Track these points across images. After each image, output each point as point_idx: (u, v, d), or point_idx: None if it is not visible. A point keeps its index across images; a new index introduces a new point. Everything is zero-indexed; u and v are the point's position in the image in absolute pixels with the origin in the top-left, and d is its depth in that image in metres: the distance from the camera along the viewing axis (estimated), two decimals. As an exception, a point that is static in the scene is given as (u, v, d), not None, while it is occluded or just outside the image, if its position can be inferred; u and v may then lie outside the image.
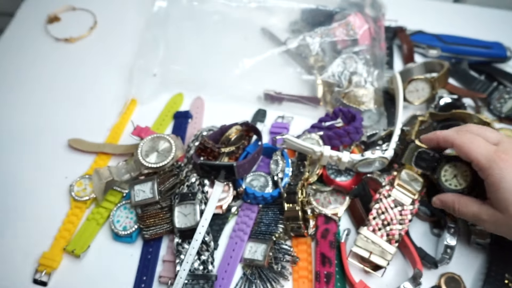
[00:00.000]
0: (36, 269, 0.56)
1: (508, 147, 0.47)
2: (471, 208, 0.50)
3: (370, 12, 0.76)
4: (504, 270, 0.54)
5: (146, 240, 0.58)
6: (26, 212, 0.61)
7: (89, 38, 0.84)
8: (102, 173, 0.59)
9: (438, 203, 0.54)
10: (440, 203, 0.53)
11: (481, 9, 0.92)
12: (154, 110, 0.73)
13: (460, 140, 0.50)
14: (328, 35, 0.74)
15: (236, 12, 0.80)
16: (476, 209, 0.49)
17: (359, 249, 0.54)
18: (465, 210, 0.50)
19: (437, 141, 0.53)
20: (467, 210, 0.50)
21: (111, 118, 0.72)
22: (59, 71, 0.79)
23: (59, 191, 0.63)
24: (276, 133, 0.67)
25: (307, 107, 0.72)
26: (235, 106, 0.72)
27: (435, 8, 0.92)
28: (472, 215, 0.50)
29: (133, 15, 0.87)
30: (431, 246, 0.58)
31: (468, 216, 0.50)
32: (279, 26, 0.81)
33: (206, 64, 0.76)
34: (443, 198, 0.53)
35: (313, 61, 0.75)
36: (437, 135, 0.53)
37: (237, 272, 0.56)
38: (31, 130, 0.70)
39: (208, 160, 0.60)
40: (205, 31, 0.80)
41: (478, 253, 0.58)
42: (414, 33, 0.83)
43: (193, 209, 0.56)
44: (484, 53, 0.79)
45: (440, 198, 0.53)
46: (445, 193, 0.53)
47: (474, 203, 0.50)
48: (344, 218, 0.61)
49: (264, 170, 0.62)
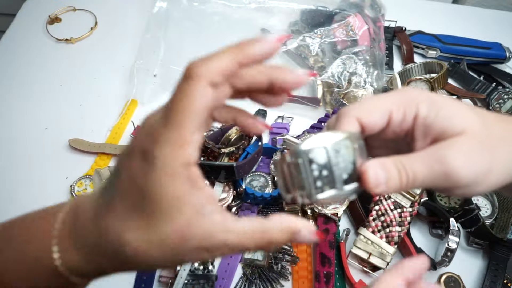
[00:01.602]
0: (37, 269, 0.56)
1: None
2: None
3: (370, 13, 0.77)
4: (504, 270, 0.54)
5: (147, 240, 0.58)
6: (27, 212, 0.61)
7: (89, 39, 0.84)
8: (102, 173, 0.59)
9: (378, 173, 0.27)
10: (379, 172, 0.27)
11: (480, 9, 0.93)
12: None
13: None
14: (327, 36, 0.74)
15: (236, 12, 0.80)
16: (428, 153, 0.28)
17: (359, 250, 0.54)
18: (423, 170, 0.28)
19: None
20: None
21: (112, 119, 0.72)
22: (60, 71, 0.79)
23: (60, 191, 0.63)
24: (276, 133, 0.68)
25: (306, 108, 0.72)
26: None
27: (434, 9, 0.93)
28: (429, 167, 0.27)
29: (133, 16, 0.87)
30: (431, 246, 0.59)
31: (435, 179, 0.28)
32: (279, 26, 0.81)
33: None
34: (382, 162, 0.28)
35: (313, 62, 0.75)
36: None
37: (237, 272, 0.56)
38: (32, 130, 0.71)
39: (208, 161, 0.60)
40: (205, 32, 0.80)
41: (478, 253, 0.58)
42: (414, 34, 0.84)
43: (194, 209, 0.56)
44: (483, 54, 0.79)
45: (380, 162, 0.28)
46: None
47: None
48: (343, 218, 0.61)
49: (264, 170, 0.62)
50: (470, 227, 0.57)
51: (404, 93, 0.30)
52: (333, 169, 0.25)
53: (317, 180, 0.25)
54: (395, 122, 0.29)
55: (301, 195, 0.26)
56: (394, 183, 0.27)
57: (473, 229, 0.57)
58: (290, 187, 0.26)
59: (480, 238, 0.58)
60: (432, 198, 0.59)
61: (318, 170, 0.25)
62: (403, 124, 0.29)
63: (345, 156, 0.25)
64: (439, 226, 0.60)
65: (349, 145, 0.25)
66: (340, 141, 0.25)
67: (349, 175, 0.25)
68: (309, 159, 0.25)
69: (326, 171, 0.25)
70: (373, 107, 0.29)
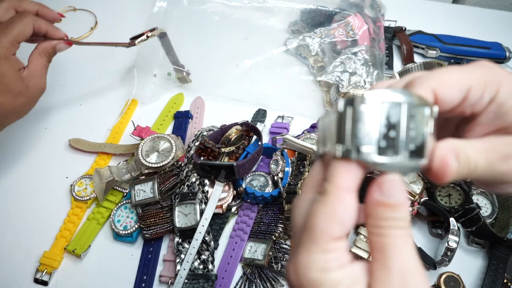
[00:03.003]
0: (37, 268, 0.56)
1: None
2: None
3: (370, 12, 0.77)
4: (504, 270, 0.54)
5: (147, 239, 0.58)
6: (27, 211, 0.61)
7: (89, 39, 0.84)
8: (102, 173, 0.59)
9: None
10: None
11: (480, 9, 0.93)
12: (154, 110, 0.74)
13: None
14: (327, 36, 0.74)
15: (236, 12, 0.80)
16: (489, 145, 0.26)
17: (359, 250, 0.54)
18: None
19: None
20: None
21: (112, 118, 0.72)
22: (60, 71, 0.79)
23: (60, 191, 0.63)
24: (276, 133, 0.68)
25: (307, 108, 0.72)
26: (235, 106, 0.73)
27: (434, 9, 0.93)
28: (487, 161, 0.25)
29: (133, 16, 0.87)
30: (431, 246, 0.59)
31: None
32: (279, 26, 0.81)
33: (206, 64, 0.76)
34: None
35: (313, 62, 0.75)
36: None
37: (237, 271, 0.56)
38: (32, 130, 0.71)
39: (208, 160, 0.60)
40: (205, 32, 0.80)
41: (478, 253, 0.58)
42: (414, 34, 0.84)
43: (193, 209, 0.56)
44: (483, 54, 0.79)
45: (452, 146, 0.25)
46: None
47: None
48: (343, 217, 0.61)
49: (264, 170, 0.62)
50: (471, 227, 0.57)
51: (489, 68, 0.26)
52: (403, 134, 0.20)
53: (381, 139, 0.20)
54: (470, 101, 0.25)
55: (348, 150, 0.21)
56: (458, 176, 0.24)
57: (474, 228, 0.57)
58: (342, 137, 0.21)
59: (480, 238, 0.58)
60: (432, 197, 0.59)
61: (386, 127, 0.20)
62: (477, 104, 0.26)
63: (419, 124, 0.21)
64: (439, 225, 0.60)
65: (427, 114, 0.21)
66: (418, 106, 0.21)
67: (416, 148, 0.21)
68: (379, 111, 0.20)
69: (394, 133, 0.20)
70: (452, 80, 0.25)
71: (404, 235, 0.21)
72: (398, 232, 0.21)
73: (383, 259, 0.20)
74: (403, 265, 0.20)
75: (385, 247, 0.20)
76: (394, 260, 0.20)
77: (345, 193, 0.21)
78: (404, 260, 0.20)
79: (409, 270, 0.20)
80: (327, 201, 0.21)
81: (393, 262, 0.20)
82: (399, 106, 0.20)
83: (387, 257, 0.20)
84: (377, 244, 0.21)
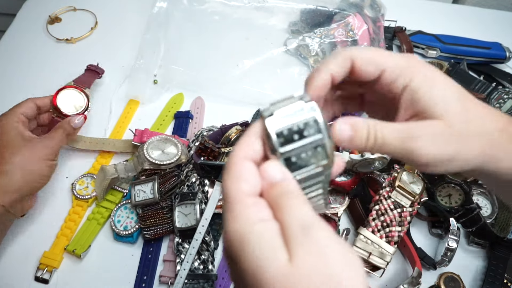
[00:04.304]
0: (38, 267, 0.56)
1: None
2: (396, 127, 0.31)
3: (370, 12, 0.77)
4: (504, 270, 0.54)
5: (147, 240, 0.58)
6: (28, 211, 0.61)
7: (89, 39, 0.84)
8: (108, 170, 0.59)
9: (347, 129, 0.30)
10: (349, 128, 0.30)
11: (480, 9, 0.93)
12: (154, 110, 0.74)
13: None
14: (327, 36, 0.74)
15: (236, 12, 0.80)
16: (403, 127, 0.30)
17: (359, 250, 0.54)
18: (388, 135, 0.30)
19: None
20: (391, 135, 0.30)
21: (112, 119, 0.72)
22: (60, 71, 0.79)
23: (60, 190, 0.63)
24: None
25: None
26: (235, 106, 0.73)
27: (434, 9, 0.93)
28: (400, 140, 0.30)
29: (133, 16, 0.87)
30: (431, 246, 0.59)
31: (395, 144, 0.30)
32: (279, 26, 0.81)
33: (206, 64, 0.76)
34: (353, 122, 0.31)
35: (313, 62, 0.75)
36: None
37: (237, 271, 0.56)
38: (32, 130, 0.71)
39: (209, 160, 0.60)
40: (205, 32, 0.80)
41: (478, 253, 0.58)
42: (414, 34, 0.84)
43: (193, 209, 0.56)
44: (483, 54, 0.79)
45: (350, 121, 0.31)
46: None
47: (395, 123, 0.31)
48: (343, 218, 0.61)
49: (264, 170, 0.62)
50: (472, 227, 0.57)
51: (409, 59, 0.32)
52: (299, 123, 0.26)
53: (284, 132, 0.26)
54: (385, 81, 0.31)
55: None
56: (359, 142, 0.30)
57: (474, 228, 0.57)
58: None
59: (481, 238, 0.58)
60: (432, 197, 0.59)
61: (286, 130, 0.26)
62: (392, 86, 0.31)
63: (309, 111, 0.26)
64: (439, 225, 0.60)
65: (314, 106, 0.26)
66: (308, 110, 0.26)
67: (313, 127, 0.26)
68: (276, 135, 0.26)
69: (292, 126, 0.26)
70: (371, 58, 0.31)
71: (295, 198, 0.25)
72: (290, 199, 0.25)
73: (281, 215, 0.24)
74: (300, 217, 0.24)
75: (282, 209, 0.25)
76: (291, 215, 0.24)
77: (244, 160, 0.26)
78: (301, 213, 0.24)
79: (307, 219, 0.24)
80: (232, 167, 0.26)
81: (291, 216, 0.24)
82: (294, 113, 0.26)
83: (284, 213, 0.24)
84: (276, 207, 0.25)
